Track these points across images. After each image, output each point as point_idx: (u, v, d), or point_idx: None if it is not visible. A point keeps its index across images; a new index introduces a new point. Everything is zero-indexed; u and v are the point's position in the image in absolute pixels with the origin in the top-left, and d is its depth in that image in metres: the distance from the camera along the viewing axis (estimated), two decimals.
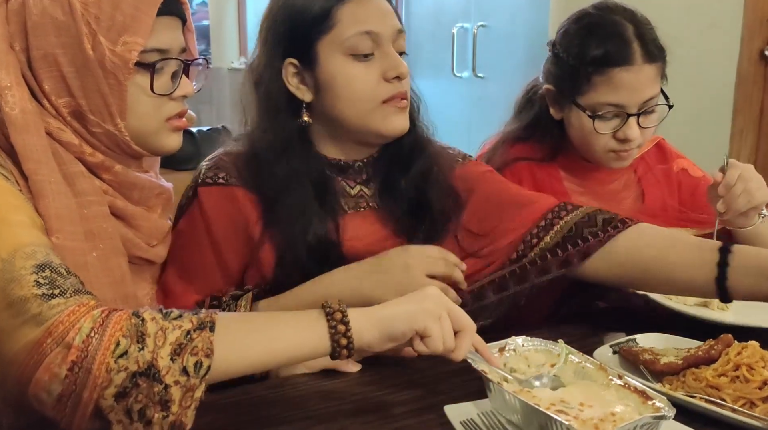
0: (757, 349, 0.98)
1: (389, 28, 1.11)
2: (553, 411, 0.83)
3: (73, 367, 0.74)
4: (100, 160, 0.96)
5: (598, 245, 1.16)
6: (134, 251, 1.01)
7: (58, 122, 0.94)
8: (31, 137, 0.90)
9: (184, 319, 0.79)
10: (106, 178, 0.97)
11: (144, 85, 0.95)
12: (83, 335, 0.75)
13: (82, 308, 0.78)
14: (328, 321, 0.85)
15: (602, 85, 1.33)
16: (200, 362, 0.77)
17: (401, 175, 1.19)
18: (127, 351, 0.75)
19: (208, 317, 0.80)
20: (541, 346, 0.96)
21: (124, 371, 0.75)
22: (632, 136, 1.34)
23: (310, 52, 1.10)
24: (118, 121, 0.95)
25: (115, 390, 0.75)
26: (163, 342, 0.76)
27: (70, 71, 0.92)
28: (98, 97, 0.93)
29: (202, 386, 0.77)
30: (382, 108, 1.11)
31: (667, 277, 1.14)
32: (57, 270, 0.81)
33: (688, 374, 0.99)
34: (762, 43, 2.88)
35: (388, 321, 0.87)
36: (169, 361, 0.76)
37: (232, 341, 0.81)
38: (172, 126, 1.00)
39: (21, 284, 0.78)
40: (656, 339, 1.12)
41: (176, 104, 0.99)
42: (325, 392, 1.00)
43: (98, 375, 0.74)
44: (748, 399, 0.93)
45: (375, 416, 0.94)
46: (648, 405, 0.84)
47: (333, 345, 0.85)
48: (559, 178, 1.43)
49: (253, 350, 0.83)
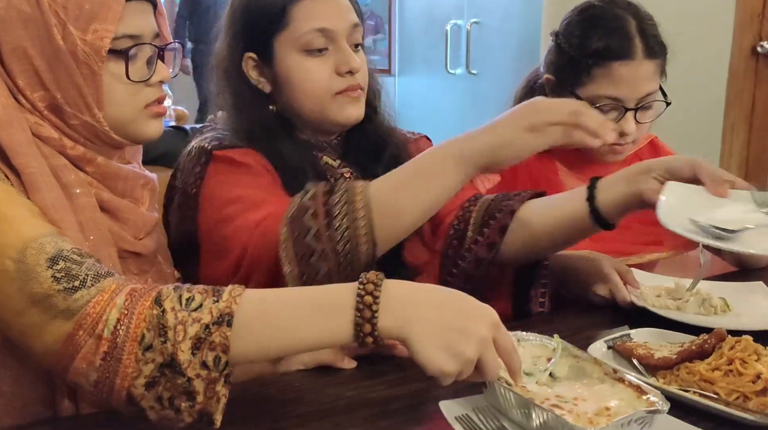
0: (751, 343, 0.99)
1: (343, 23, 1.17)
2: (548, 406, 0.83)
3: (105, 356, 0.78)
4: (82, 152, 0.95)
5: (509, 215, 1.18)
6: (121, 245, 1.00)
7: (36, 117, 0.93)
8: (16, 132, 0.90)
9: (204, 310, 0.79)
10: (89, 171, 0.97)
11: (119, 73, 0.94)
12: (110, 326, 0.78)
13: (105, 295, 0.79)
14: (356, 307, 0.80)
15: (602, 78, 1.34)
16: (219, 357, 0.78)
17: (374, 162, 1.26)
18: (152, 344, 0.77)
19: (228, 307, 0.79)
20: (536, 341, 0.97)
21: (152, 362, 0.77)
22: (629, 130, 1.35)
23: (268, 48, 1.18)
24: (96, 111, 0.94)
25: (144, 380, 0.77)
26: (183, 336, 0.77)
27: (41, 64, 0.91)
28: (73, 89, 0.92)
29: (222, 379, 0.78)
30: (336, 99, 1.19)
31: (560, 234, 1.20)
32: (70, 258, 0.82)
33: (681, 369, 1.00)
34: (754, 38, 2.90)
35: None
36: (190, 355, 0.77)
37: (251, 337, 0.80)
38: (151, 113, 0.99)
39: (39, 281, 0.80)
40: (650, 334, 1.13)
41: (154, 90, 0.99)
42: (319, 388, 1.00)
43: (128, 364, 0.77)
44: (741, 393, 0.93)
45: (370, 412, 0.94)
46: (642, 399, 0.84)
47: (357, 335, 0.81)
48: (555, 170, 1.44)
49: (272, 344, 0.82)
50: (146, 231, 1.06)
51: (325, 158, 1.26)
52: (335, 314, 0.81)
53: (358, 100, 1.22)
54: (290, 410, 0.95)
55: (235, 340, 0.78)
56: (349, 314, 0.80)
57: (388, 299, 0.80)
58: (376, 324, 0.80)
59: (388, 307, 0.80)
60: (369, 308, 0.80)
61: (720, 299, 1.28)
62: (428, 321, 0.80)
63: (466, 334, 0.80)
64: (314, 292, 0.86)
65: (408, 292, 0.83)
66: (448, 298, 0.84)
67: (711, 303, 1.27)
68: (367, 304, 0.80)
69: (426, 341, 0.80)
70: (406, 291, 0.83)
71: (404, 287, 0.84)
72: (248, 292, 0.82)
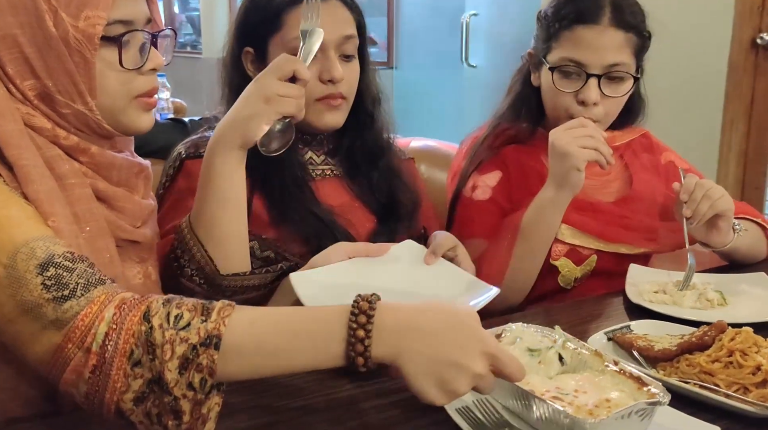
0: (751, 335, 0.99)
1: (334, 34, 1.22)
2: (549, 397, 0.83)
3: (94, 370, 0.77)
4: (75, 142, 0.94)
5: None
6: (119, 234, 0.99)
7: (27, 107, 0.91)
8: (7, 123, 0.88)
9: (191, 329, 0.77)
10: (83, 161, 0.95)
11: (112, 60, 0.92)
12: (99, 340, 0.77)
13: (94, 307, 0.79)
14: (348, 340, 0.78)
15: (566, 41, 1.36)
16: (205, 380, 0.77)
17: (369, 168, 1.32)
18: (141, 360, 0.77)
19: (216, 328, 0.77)
20: (537, 332, 0.97)
21: (141, 378, 0.77)
22: (590, 98, 1.34)
23: (263, 47, 1.25)
24: (89, 99, 0.92)
25: (133, 395, 0.77)
26: (171, 355, 0.76)
27: (31, 51, 0.89)
28: (65, 77, 0.90)
29: (207, 401, 0.77)
30: (316, 105, 1.24)
31: None
32: (61, 264, 0.80)
33: (682, 360, 1.00)
34: (754, 31, 2.89)
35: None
36: (177, 374, 0.76)
37: (240, 360, 0.79)
38: (142, 104, 0.97)
39: (29, 288, 0.79)
40: (650, 326, 1.13)
41: (146, 80, 0.97)
42: (318, 380, 0.99)
43: (117, 379, 0.76)
44: (741, 384, 0.94)
45: (370, 404, 0.94)
46: (643, 391, 0.84)
47: (350, 364, 0.79)
48: (543, 163, 1.44)
49: (261, 369, 0.81)
50: (143, 219, 1.05)
51: (309, 153, 1.31)
52: (328, 342, 0.79)
53: (339, 108, 1.26)
54: (288, 402, 0.95)
55: (223, 363, 0.77)
56: (341, 344, 0.78)
57: (381, 329, 0.78)
58: (369, 357, 0.78)
59: (380, 338, 0.78)
60: (361, 343, 0.77)
61: (716, 292, 1.28)
62: (422, 354, 0.77)
63: (459, 371, 0.77)
64: (306, 316, 0.83)
65: (402, 319, 0.79)
66: (444, 326, 0.79)
67: (707, 297, 1.27)
68: (359, 338, 0.77)
69: (420, 374, 0.77)
70: (401, 319, 0.79)
71: (399, 314, 0.80)
72: (238, 312, 0.80)
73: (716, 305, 1.26)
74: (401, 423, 0.90)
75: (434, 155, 1.82)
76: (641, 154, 1.53)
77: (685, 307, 1.25)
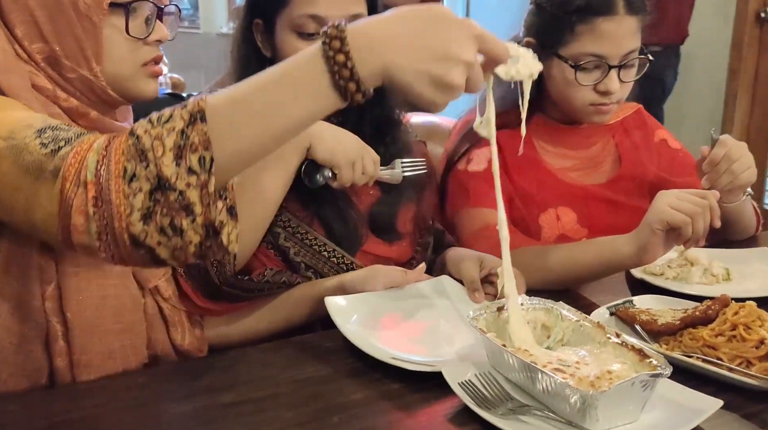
0: (754, 309, 0.98)
1: (338, 12, 1.15)
2: (551, 370, 0.83)
3: (96, 202, 0.75)
4: (75, 105, 0.94)
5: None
6: None
7: (31, 67, 0.92)
8: (15, 77, 0.89)
9: (175, 118, 0.75)
10: (81, 124, 0.95)
11: (119, 27, 0.94)
12: (92, 169, 0.76)
13: (84, 145, 0.78)
14: (331, 71, 0.74)
15: (586, 35, 1.33)
16: (203, 157, 0.74)
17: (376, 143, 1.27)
18: (135, 173, 0.75)
19: (196, 105, 0.75)
20: (539, 305, 0.96)
21: (140, 192, 0.75)
22: (613, 88, 1.33)
23: (271, 20, 1.22)
24: (94, 65, 0.93)
25: (139, 214, 0.75)
26: (163, 150, 0.74)
27: (42, 15, 0.91)
28: (72, 41, 0.92)
29: (212, 179, 0.75)
30: None
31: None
32: (57, 127, 0.81)
33: (685, 334, 0.99)
34: (759, 4, 2.85)
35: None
36: (174, 167, 0.74)
37: (231, 128, 0.76)
38: (148, 71, 0.99)
39: (29, 150, 0.79)
40: (653, 301, 1.12)
41: (151, 49, 0.98)
42: (321, 354, 1.00)
43: (119, 203, 0.75)
44: (744, 358, 0.93)
45: (373, 377, 0.94)
46: (645, 363, 0.84)
47: (344, 96, 0.76)
48: (534, 148, 1.43)
49: (257, 131, 0.77)
50: None
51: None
52: (312, 80, 0.76)
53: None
54: (292, 375, 0.95)
55: (216, 136, 0.74)
56: (326, 76, 0.75)
57: (359, 50, 0.75)
58: (358, 79, 0.75)
59: (362, 58, 0.75)
60: (345, 67, 0.74)
61: (722, 267, 1.28)
62: (409, 57, 0.75)
63: (450, 62, 0.75)
64: (280, 68, 0.79)
65: (377, 34, 0.76)
66: (422, 25, 0.76)
67: (712, 272, 1.27)
68: (341, 63, 0.74)
69: (412, 79, 0.75)
70: (376, 34, 0.76)
71: (371, 30, 0.76)
72: (211, 94, 0.78)
73: (721, 281, 1.26)
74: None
75: (435, 132, 1.81)
76: (633, 131, 1.52)
77: (692, 283, 1.25)
